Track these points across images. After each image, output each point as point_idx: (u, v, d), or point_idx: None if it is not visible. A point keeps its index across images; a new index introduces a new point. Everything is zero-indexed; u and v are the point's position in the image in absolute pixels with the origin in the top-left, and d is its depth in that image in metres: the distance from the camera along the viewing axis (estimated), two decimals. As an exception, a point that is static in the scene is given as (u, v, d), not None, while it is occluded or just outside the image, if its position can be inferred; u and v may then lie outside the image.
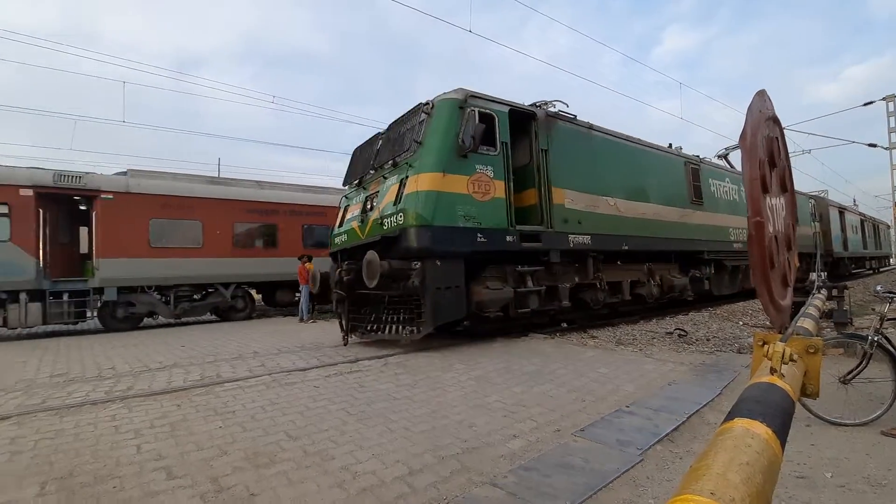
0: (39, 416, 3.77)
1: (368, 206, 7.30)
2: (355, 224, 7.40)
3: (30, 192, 10.31)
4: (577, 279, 8.04)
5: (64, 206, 11.83)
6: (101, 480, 2.59)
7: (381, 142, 7.81)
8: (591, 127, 8.63)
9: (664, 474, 2.60)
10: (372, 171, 7.71)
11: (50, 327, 11.77)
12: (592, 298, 8.38)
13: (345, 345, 7.09)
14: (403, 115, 7.37)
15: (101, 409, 3.91)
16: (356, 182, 8.19)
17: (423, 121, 6.70)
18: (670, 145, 11.19)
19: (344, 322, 7.26)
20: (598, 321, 8.95)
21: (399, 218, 6.23)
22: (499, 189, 6.87)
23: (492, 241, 6.63)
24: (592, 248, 8.08)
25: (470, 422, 3.45)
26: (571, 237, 7.74)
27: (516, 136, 7.47)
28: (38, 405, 4.14)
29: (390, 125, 7.73)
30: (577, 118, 8.44)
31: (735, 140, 10.48)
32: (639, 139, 9.92)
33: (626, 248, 8.73)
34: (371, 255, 6.14)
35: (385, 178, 7.09)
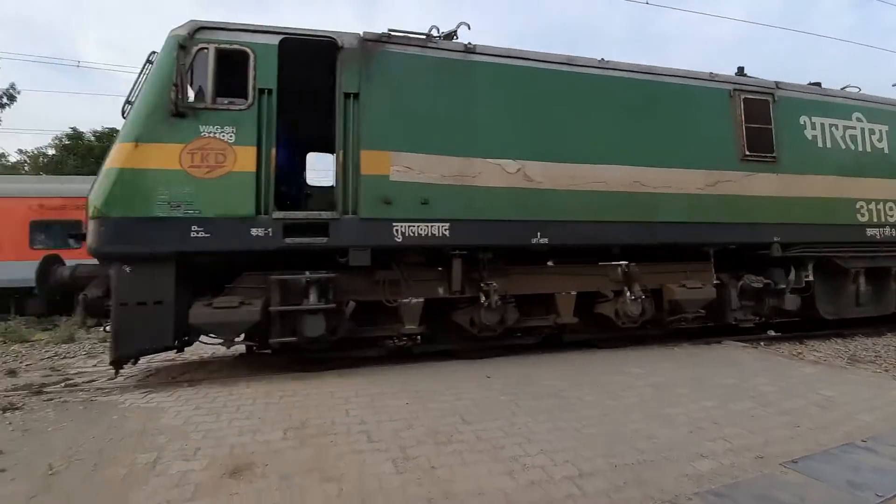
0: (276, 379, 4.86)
1: None
2: None
3: None
4: (440, 290, 5.38)
5: None
6: (322, 434, 3.22)
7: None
8: (469, 50, 5.44)
9: (923, 538, 2.00)
10: None
11: None
12: (477, 321, 5.39)
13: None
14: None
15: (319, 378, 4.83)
16: None
17: (146, 71, 4.86)
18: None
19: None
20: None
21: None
22: (244, 159, 4.65)
23: (220, 235, 4.52)
24: (454, 242, 5.14)
25: (648, 432, 3.21)
26: (400, 226, 4.99)
27: (319, 80, 5.37)
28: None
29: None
30: (444, 39, 5.43)
31: None
32: (606, 62, 5.97)
33: (544, 241, 5.39)
34: (49, 258, 4.84)
35: None
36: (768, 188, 6.40)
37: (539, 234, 5.39)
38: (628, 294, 5.79)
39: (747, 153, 6.34)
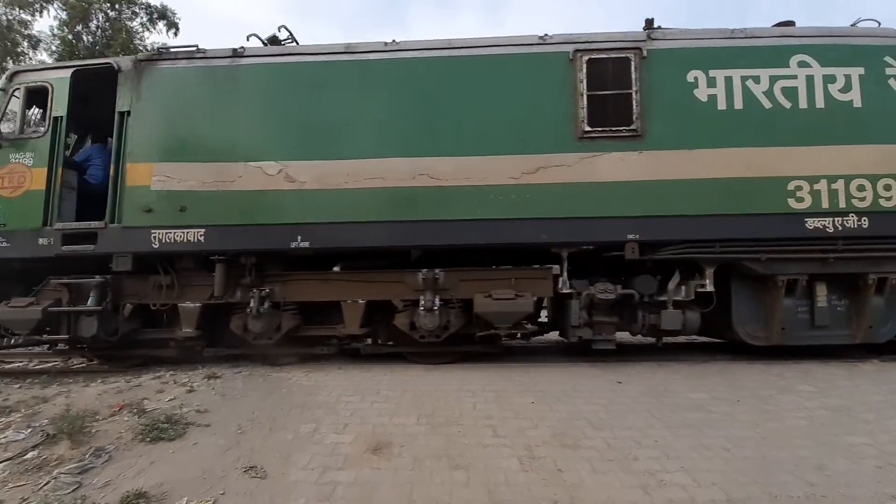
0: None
1: None
2: None
3: None
4: (208, 296, 5.30)
5: None
6: (450, 423, 3.41)
7: None
8: (237, 54, 5.33)
9: None
10: None
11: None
12: (240, 328, 5.26)
13: None
14: None
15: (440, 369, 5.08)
16: None
17: None
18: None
19: None
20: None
21: None
22: (37, 179, 5.25)
23: (16, 245, 5.17)
24: (209, 248, 5.08)
25: (819, 462, 2.73)
26: (159, 233, 5.07)
27: (110, 100, 5.43)
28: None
29: None
30: (217, 49, 5.38)
31: None
32: (395, 44, 5.25)
33: (305, 244, 4.98)
34: None
35: None
36: (624, 172, 4.93)
37: (299, 237, 5.01)
38: (422, 304, 4.99)
39: (587, 129, 4.97)
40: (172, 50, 5.59)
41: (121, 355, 5.64)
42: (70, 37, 15.77)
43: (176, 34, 17.65)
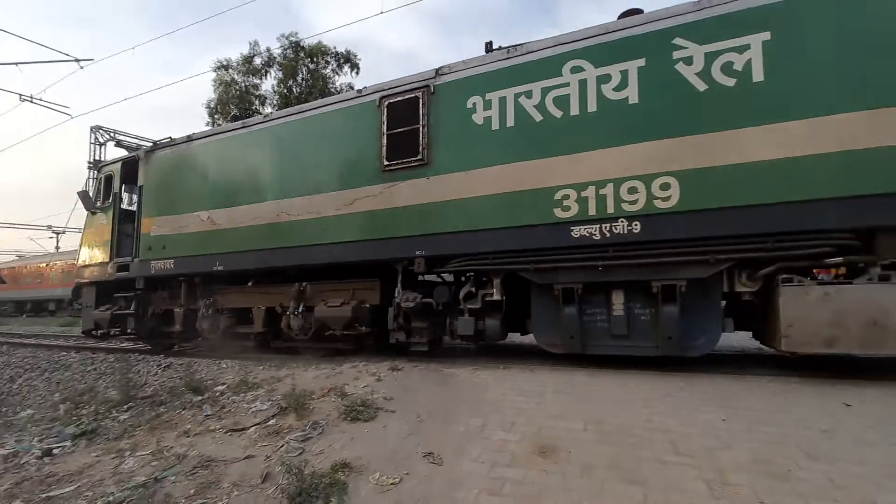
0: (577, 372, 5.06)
1: None
2: None
3: None
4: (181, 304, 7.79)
5: None
6: (621, 433, 3.19)
7: None
8: (190, 139, 7.71)
9: None
10: None
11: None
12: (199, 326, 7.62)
13: None
14: None
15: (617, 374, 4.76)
16: None
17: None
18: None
19: None
20: None
21: None
22: (107, 232, 8.44)
23: (99, 273, 8.48)
24: (176, 272, 7.55)
25: None
26: (154, 263, 7.73)
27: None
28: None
29: None
30: (180, 137, 7.92)
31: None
32: (270, 115, 7.31)
33: (220, 268, 7.00)
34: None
35: None
36: (414, 197, 5.61)
37: (217, 262, 7.03)
38: (291, 310, 6.58)
39: (386, 163, 5.80)
40: (160, 142, 8.28)
41: (152, 342, 8.70)
42: (284, 90, 19.78)
43: (357, 73, 20.53)
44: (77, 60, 10.81)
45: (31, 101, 11.39)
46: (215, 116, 19.95)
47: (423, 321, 5.79)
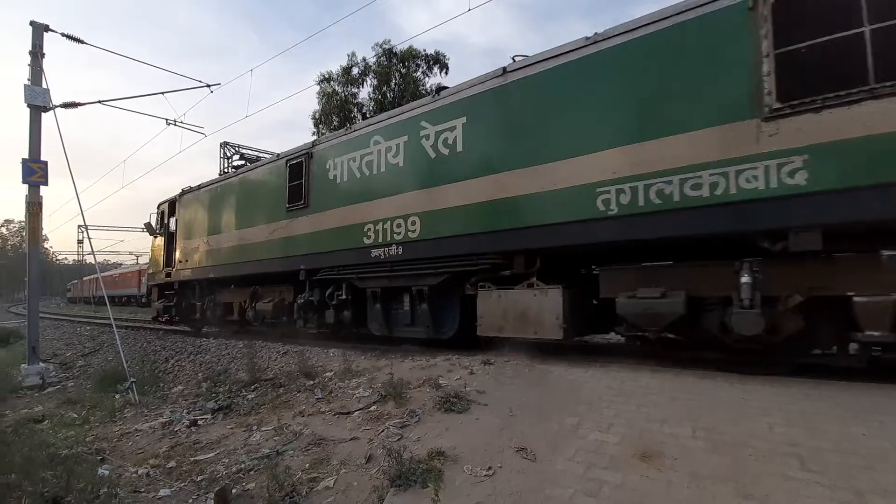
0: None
1: None
2: None
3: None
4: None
5: None
6: (737, 443, 2.89)
7: None
8: (200, 187, 11.47)
9: None
10: None
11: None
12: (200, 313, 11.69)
13: None
14: None
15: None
16: None
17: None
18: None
19: None
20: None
21: None
22: (162, 250, 12.88)
23: (157, 278, 13.19)
24: (192, 278, 11.43)
25: None
26: (182, 272, 11.71)
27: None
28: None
29: None
30: (203, 184, 11.48)
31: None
32: (250, 165, 11.04)
33: (213, 276, 10.51)
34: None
35: None
36: (302, 228, 8.29)
37: (211, 272, 10.65)
38: (248, 305, 10.21)
39: (288, 205, 8.57)
40: (187, 188, 11.90)
41: (188, 325, 12.46)
42: (379, 97, 20.83)
43: (446, 73, 20.90)
44: (208, 86, 12.40)
45: (175, 125, 13.35)
46: (319, 126, 21.67)
47: (311, 312, 8.47)
